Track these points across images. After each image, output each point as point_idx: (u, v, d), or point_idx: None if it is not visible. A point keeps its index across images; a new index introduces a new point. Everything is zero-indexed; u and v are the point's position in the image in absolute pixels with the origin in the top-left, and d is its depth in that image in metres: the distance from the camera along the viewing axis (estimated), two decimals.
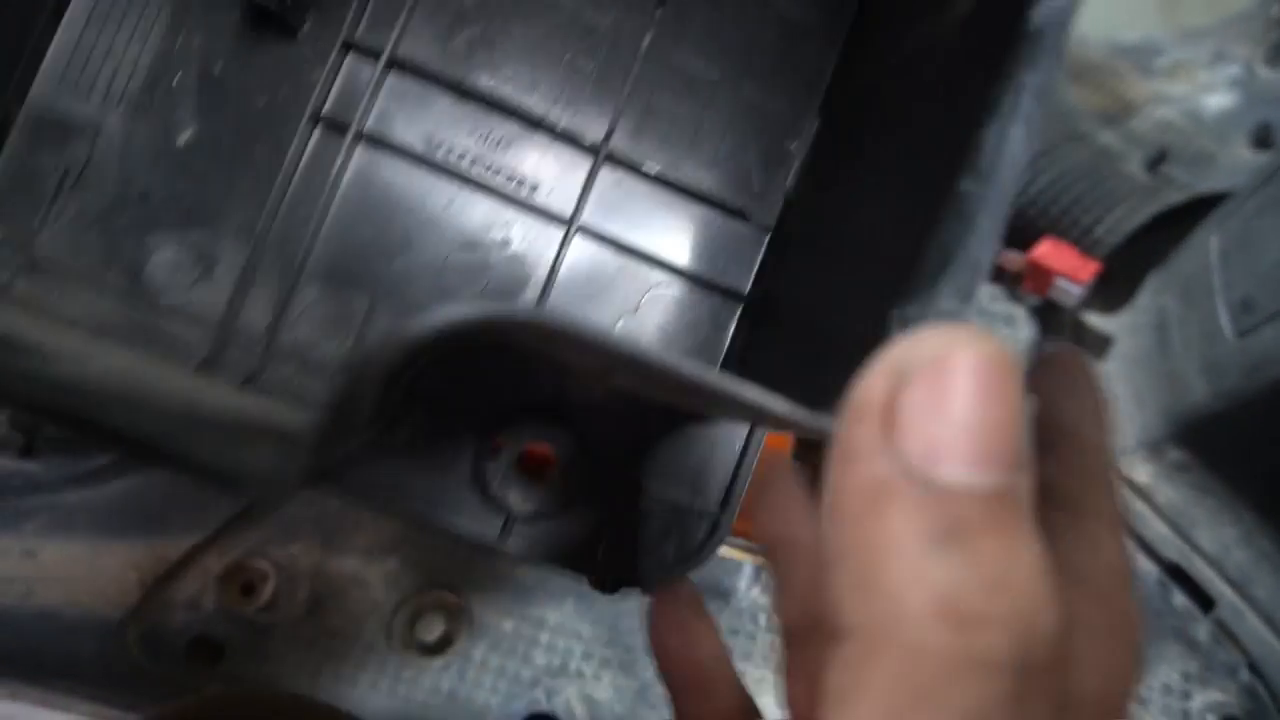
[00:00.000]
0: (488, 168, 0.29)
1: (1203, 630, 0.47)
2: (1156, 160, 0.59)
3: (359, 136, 0.28)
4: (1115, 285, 0.57)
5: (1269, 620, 0.45)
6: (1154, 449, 0.51)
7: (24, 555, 0.43)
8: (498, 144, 0.29)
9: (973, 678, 0.12)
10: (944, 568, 0.12)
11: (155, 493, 0.44)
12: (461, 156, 0.29)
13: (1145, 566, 0.49)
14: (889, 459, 0.12)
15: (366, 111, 0.28)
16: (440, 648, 0.44)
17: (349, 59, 0.29)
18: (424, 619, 0.44)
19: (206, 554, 0.44)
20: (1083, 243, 0.56)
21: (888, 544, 0.12)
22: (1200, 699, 0.45)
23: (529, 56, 0.29)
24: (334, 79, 0.28)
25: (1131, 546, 0.49)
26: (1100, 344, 0.58)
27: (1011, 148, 0.14)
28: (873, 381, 0.13)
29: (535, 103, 0.29)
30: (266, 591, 0.43)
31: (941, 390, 0.12)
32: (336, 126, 0.28)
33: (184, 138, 0.27)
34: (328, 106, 0.28)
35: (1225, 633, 0.46)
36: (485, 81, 0.29)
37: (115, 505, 0.44)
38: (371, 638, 0.43)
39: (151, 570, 0.43)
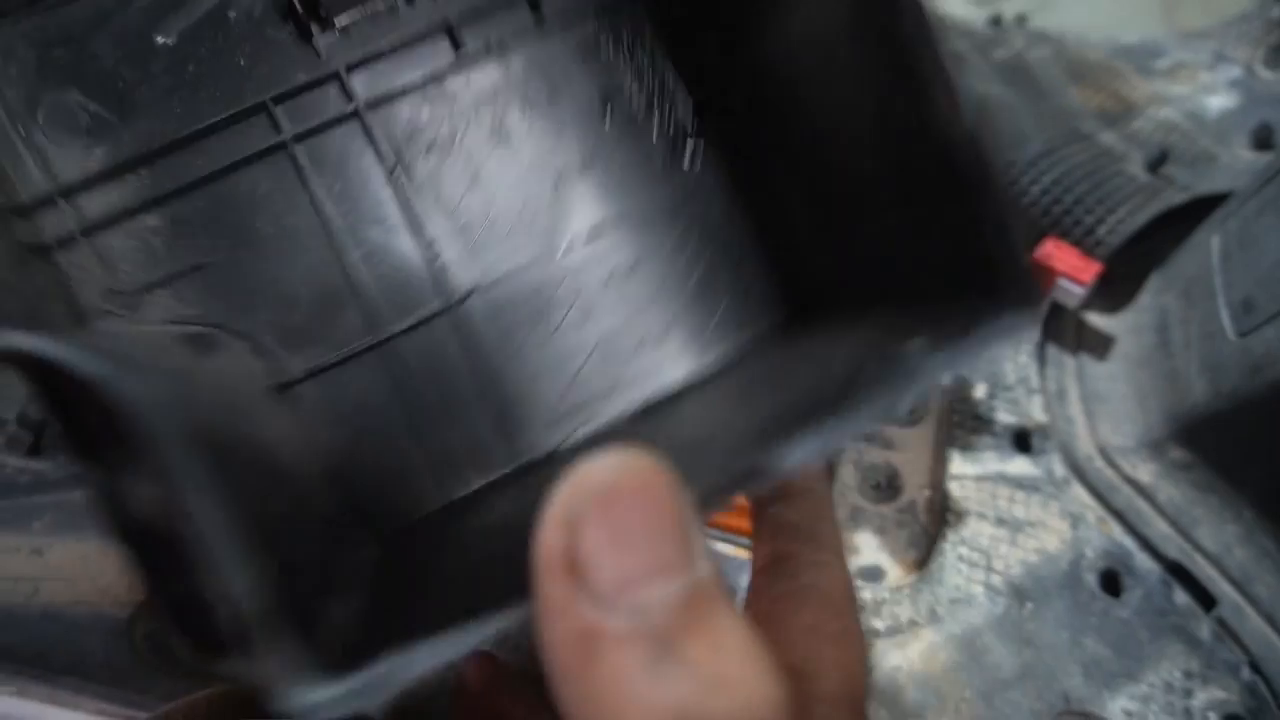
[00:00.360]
0: (358, 241, 0.30)
1: (1204, 628, 0.47)
2: (1158, 161, 0.59)
3: (283, 147, 0.29)
4: (1117, 285, 0.58)
5: (1270, 619, 0.45)
6: (1155, 448, 0.51)
7: (31, 554, 0.43)
8: (386, 231, 0.30)
9: None
10: (666, 686, 0.13)
11: None
12: (347, 216, 0.30)
13: (1147, 565, 0.49)
14: (587, 605, 0.13)
15: (307, 135, 0.30)
16: None
17: (331, 86, 0.30)
18: None
19: None
20: (1085, 243, 0.56)
21: (613, 687, 0.13)
22: (1202, 697, 0.45)
23: (470, 192, 0.31)
24: (306, 92, 0.29)
25: (1131, 544, 0.49)
26: (1102, 344, 0.58)
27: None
28: (548, 537, 0.14)
29: (437, 226, 0.30)
30: None
31: (605, 523, 0.13)
32: (275, 126, 0.29)
33: (162, 41, 0.28)
34: (283, 107, 0.29)
35: (1227, 631, 0.46)
36: (419, 179, 0.30)
37: None
38: None
39: None
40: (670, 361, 0.31)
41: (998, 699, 0.45)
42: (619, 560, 0.13)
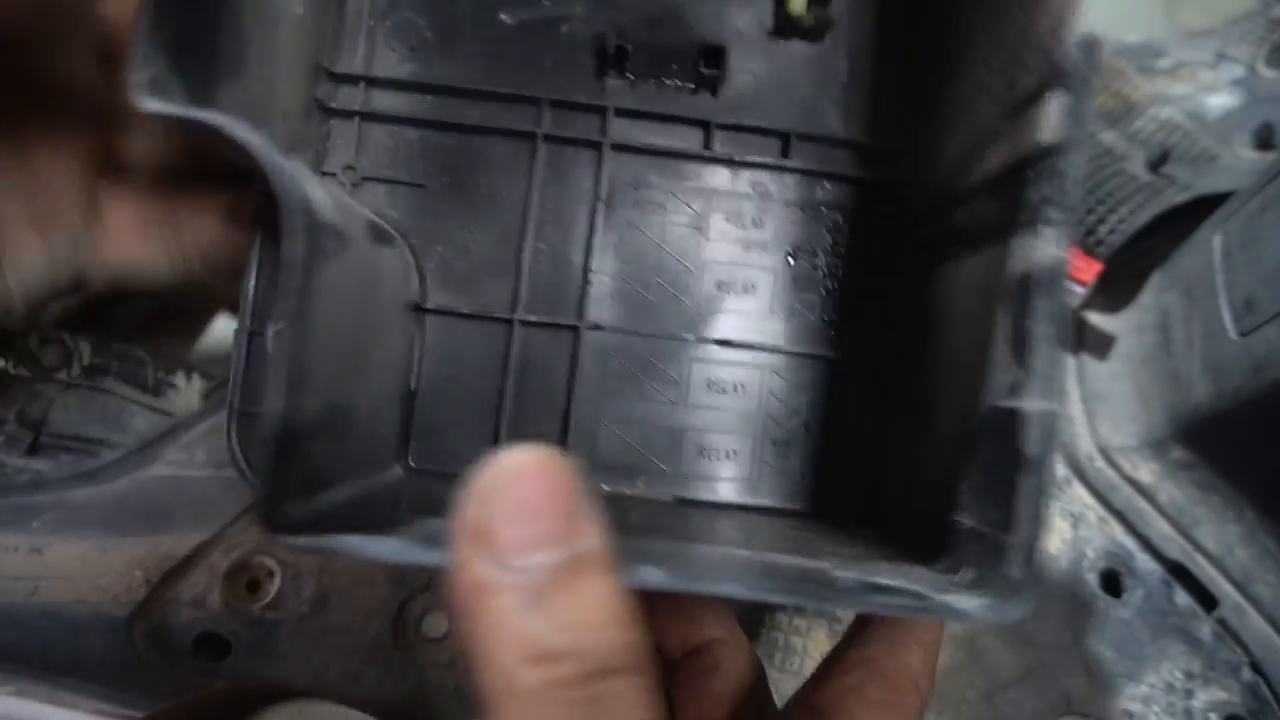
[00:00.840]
0: (540, 236, 0.35)
1: (1205, 629, 0.47)
2: (1159, 160, 0.59)
3: (533, 137, 0.35)
4: (1118, 284, 0.58)
5: (1271, 619, 0.45)
6: (1157, 448, 0.51)
7: (31, 552, 0.43)
8: (566, 242, 0.35)
9: (558, 698, 0.16)
10: (529, 624, 0.17)
11: (161, 490, 0.45)
12: (544, 214, 0.35)
13: (1148, 565, 0.49)
14: (483, 562, 0.17)
15: (556, 140, 0.35)
16: (446, 643, 0.44)
17: (595, 116, 0.35)
18: (429, 615, 0.44)
19: (212, 551, 0.44)
20: (1086, 242, 0.56)
21: (493, 624, 0.17)
22: (1203, 697, 0.45)
23: (645, 254, 0.36)
24: (575, 110, 0.35)
25: (1132, 545, 0.49)
26: (1103, 343, 0.58)
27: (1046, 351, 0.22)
28: (465, 509, 0.17)
29: (605, 263, 0.35)
30: (272, 588, 0.44)
31: (508, 499, 0.17)
32: (538, 120, 0.35)
33: (503, 18, 0.35)
34: (552, 110, 0.35)
35: (1228, 631, 0.46)
36: (613, 220, 0.36)
37: (121, 503, 0.44)
38: (377, 633, 0.44)
39: (157, 567, 0.43)
40: (722, 482, 0.35)
41: (999, 699, 0.45)
42: (513, 530, 0.17)
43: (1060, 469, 0.53)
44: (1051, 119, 0.23)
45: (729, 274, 0.35)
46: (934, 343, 0.31)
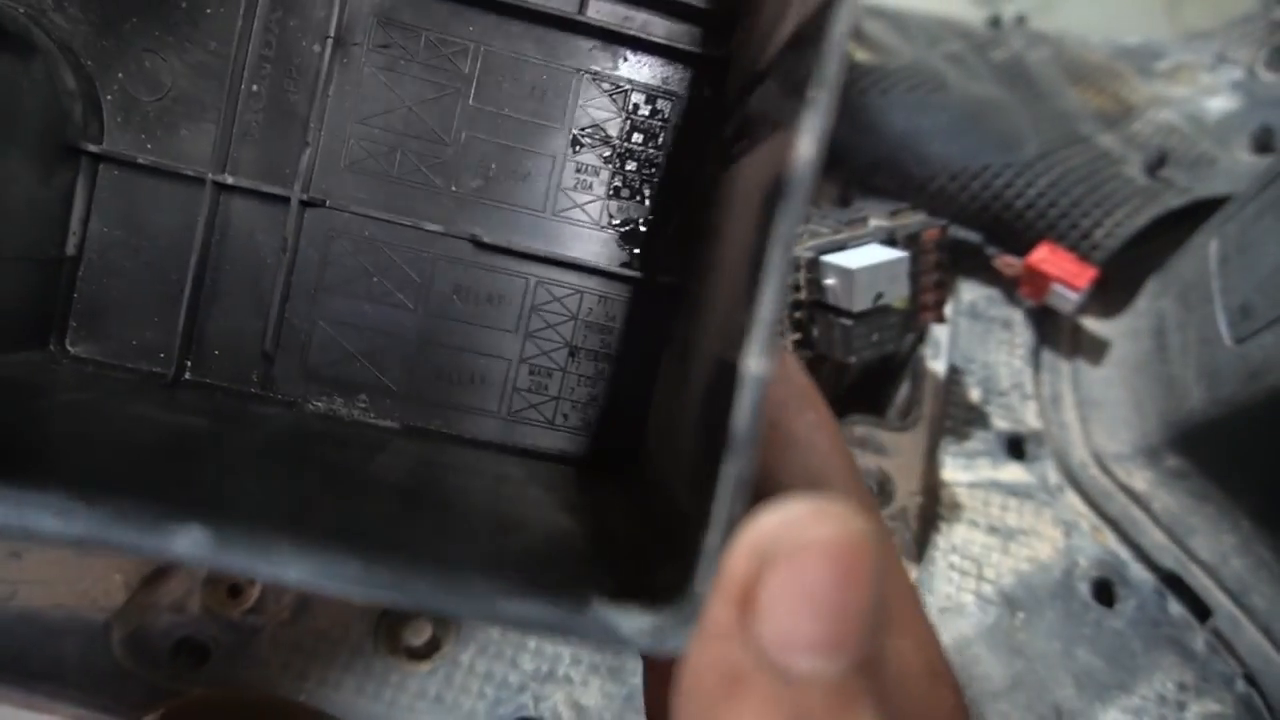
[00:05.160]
0: (258, 75, 0.28)
1: (1199, 640, 0.46)
2: (1156, 163, 0.59)
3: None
4: (1113, 289, 0.57)
5: (1266, 631, 0.45)
6: (1151, 455, 0.51)
7: (8, 556, 0.43)
8: (293, 88, 0.28)
9: None
10: None
11: None
12: (267, 48, 0.28)
13: (1141, 575, 0.48)
14: (745, 645, 0.13)
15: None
16: (427, 652, 0.43)
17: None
18: (411, 623, 0.44)
19: None
20: (1081, 246, 0.55)
21: None
22: (1196, 709, 0.44)
23: (387, 113, 0.28)
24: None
25: (1125, 553, 0.48)
26: (1098, 348, 0.57)
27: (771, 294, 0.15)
28: (737, 561, 0.13)
29: (336, 122, 0.28)
30: (253, 594, 0.43)
31: (799, 577, 0.13)
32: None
33: None
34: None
35: (1222, 642, 0.46)
36: (351, 67, 0.29)
37: None
38: (358, 641, 0.43)
39: (136, 572, 0.43)
40: (463, 412, 0.29)
41: (988, 710, 0.44)
42: (790, 617, 0.13)
43: (1053, 476, 0.52)
44: None
45: (497, 154, 0.28)
46: (710, 263, 0.26)
